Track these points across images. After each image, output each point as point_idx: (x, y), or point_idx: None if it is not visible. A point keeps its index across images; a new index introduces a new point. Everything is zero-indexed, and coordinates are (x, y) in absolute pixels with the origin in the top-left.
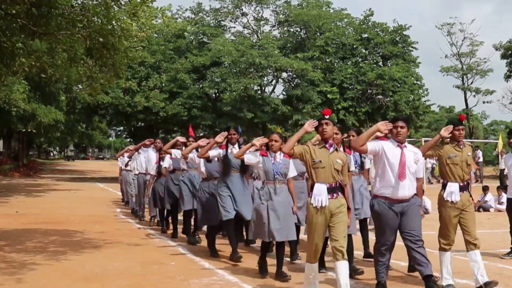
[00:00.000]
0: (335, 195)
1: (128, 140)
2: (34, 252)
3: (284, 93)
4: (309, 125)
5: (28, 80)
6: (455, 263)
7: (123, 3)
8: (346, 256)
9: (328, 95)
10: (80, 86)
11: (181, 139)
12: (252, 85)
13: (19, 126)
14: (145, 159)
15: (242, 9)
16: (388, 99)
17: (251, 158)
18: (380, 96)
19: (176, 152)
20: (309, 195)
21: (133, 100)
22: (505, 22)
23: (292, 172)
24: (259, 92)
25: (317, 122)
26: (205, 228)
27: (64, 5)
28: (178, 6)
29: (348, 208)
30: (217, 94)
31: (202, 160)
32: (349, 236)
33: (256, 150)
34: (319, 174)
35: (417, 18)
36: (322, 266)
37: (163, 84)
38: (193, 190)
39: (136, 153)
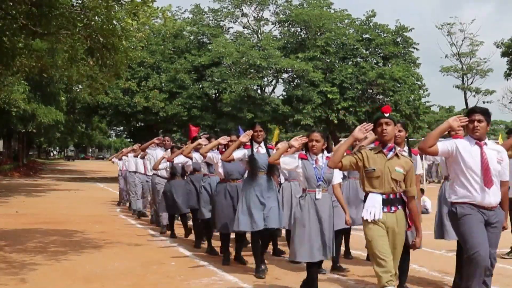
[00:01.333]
0: (393, 208)
1: (128, 140)
2: (34, 252)
3: (284, 93)
4: (361, 131)
5: (28, 80)
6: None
7: (123, 2)
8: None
9: (328, 95)
10: (80, 86)
11: (203, 141)
12: (252, 85)
13: (19, 126)
14: (154, 159)
15: (242, 10)
16: (389, 98)
17: (288, 162)
18: (380, 96)
19: (197, 155)
20: (362, 207)
21: (133, 100)
22: (506, 22)
23: (338, 178)
24: (259, 92)
25: (372, 124)
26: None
27: (65, 5)
28: (177, 7)
29: (409, 226)
30: (217, 94)
31: (220, 160)
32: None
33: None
34: (373, 184)
35: (418, 18)
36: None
37: (163, 84)
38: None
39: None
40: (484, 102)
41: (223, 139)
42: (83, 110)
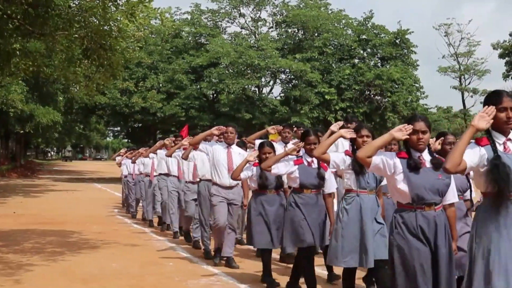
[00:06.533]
0: None
1: (126, 140)
2: (31, 252)
3: (282, 94)
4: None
5: (25, 80)
6: None
7: (120, 3)
8: None
9: (326, 96)
10: (77, 87)
11: (349, 134)
12: (250, 86)
13: (17, 127)
14: (213, 158)
15: (239, 10)
16: (386, 99)
17: None
18: (378, 97)
19: (338, 159)
20: None
21: (131, 101)
22: (506, 21)
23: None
24: (257, 92)
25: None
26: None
27: (61, 5)
28: (175, 7)
29: None
30: (215, 95)
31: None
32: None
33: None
34: None
35: (416, 18)
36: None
37: (161, 85)
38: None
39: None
40: (481, 103)
41: (400, 131)
42: (80, 110)
